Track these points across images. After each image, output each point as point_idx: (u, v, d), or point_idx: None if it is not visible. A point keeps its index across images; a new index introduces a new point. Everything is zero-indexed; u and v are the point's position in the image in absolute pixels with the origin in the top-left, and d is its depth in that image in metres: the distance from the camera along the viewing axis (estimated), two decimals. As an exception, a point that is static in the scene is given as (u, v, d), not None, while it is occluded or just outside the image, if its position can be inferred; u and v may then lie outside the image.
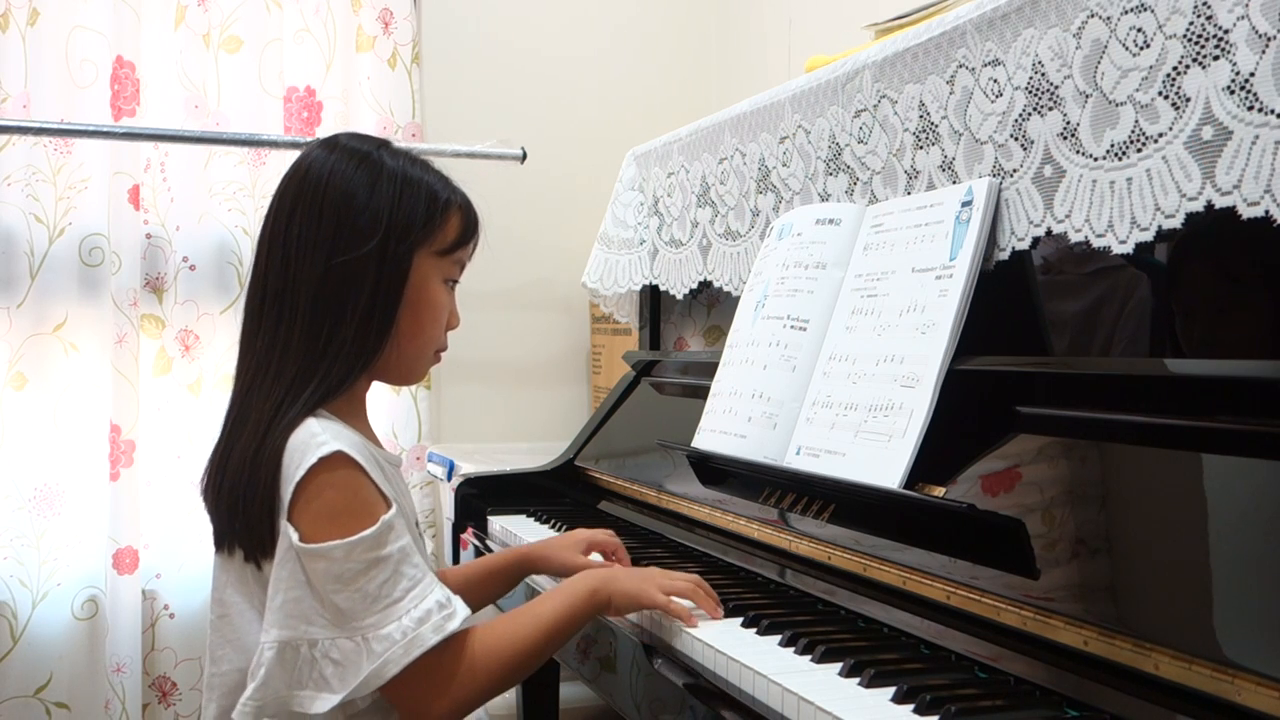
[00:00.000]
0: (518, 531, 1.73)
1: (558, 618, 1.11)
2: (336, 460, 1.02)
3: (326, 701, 1.00)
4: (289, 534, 1.01)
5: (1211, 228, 0.96)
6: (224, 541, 1.08)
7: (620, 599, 1.15)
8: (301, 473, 1.01)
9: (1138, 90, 1.00)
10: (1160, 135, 0.98)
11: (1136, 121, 1.00)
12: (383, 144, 1.15)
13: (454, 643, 1.04)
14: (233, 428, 1.09)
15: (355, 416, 1.13)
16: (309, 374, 1.07)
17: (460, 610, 1.05)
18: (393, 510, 1.04)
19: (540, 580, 1.45)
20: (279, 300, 1.09)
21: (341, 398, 1.10)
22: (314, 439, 1.03)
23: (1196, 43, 0.94)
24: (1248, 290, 0.98)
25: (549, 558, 1.38)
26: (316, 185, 1.10)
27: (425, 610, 1.02)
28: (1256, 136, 0.88)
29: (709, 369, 1.62)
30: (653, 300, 2.17)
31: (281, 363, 1.08)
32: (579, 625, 1.14)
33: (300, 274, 1.08)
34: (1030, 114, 1.14)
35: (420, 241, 1.11)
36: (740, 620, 1.14)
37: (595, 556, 1.39)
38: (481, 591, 1.36)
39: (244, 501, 1.04)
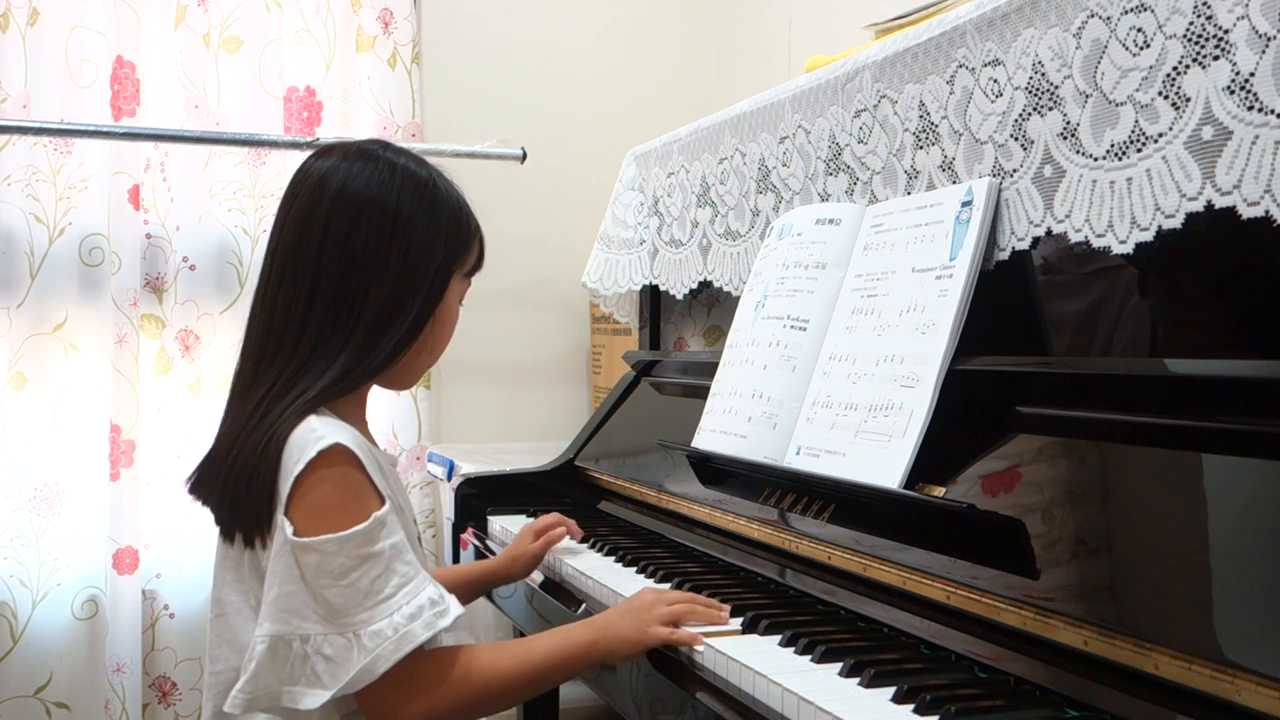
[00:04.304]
0: (517, 532, 1.73)
1: (548, 661, 1.10)
2: (334, 453, 1.03)
3: (317, 698, 1.00)
4: (284, 528, 1.02)
5: (1212, 228, 0.95)
6: (225, 528, 1.09)
7: (622, 648, 1.12)
8: (300, 467, 1.02)
9: (1138, 90, 1.00)
10: (1160, 135, 0.98)
11: (1136, 121, 1.00)
12: (433, 170, 1.18)
13: (435, 655, 1.05)
14: (246, 420, 1.09)
15: (355, 415, 1.14)
16: (323, 371, 1.09)
17: (453, 608, 1.05)
18: (386, 507, 1.04)
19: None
20: (337, 303, 1.10)
21: (351, 397, 1.12)
22: (313, 434, 1.04)
23: (1196, 43, 0.94)
24: (1248, 290, 0.98)
25: (509, 561, 1.49)
26: (384, 206, 1.12)
27: (417, 606, 1.02)
28: (1256, 136, 0.88)
29: (709, 369, 1.62)
30: (653, 300, 2.16)
31: (310, 359, 1.09)
32: (570, 673, 1.13)
33: (360, 286, 1.10)
34: (1030, 114, 1.14)
35: (459, 265, 1.16)
36: (740, 620, 1.14)
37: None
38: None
39: (245, 489, 1.05)
